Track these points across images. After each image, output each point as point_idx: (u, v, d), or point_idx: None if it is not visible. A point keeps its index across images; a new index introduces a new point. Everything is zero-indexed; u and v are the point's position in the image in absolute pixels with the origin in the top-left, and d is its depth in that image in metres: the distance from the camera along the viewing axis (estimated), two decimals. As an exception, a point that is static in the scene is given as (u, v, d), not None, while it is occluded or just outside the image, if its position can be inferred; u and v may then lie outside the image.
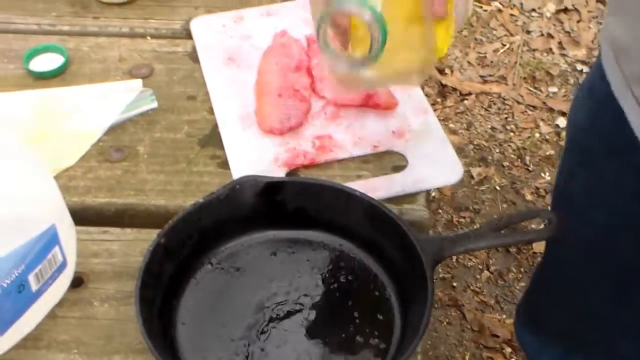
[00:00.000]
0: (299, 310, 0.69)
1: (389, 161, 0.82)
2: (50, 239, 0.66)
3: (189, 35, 0.98)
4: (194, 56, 0.95)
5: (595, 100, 0.77)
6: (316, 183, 0.74)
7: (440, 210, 1.82)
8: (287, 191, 0.73)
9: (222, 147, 0.83)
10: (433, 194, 1.83)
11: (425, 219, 0.76)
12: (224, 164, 0.82)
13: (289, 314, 0.69)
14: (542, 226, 0.77)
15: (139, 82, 0.91)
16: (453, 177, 0.80)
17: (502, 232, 0.68)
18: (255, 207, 0.73)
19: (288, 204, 0.73)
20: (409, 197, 0.78)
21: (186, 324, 0.68)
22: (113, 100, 0.88)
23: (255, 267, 0.72)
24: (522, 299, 1.11)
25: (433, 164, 0.80)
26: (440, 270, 1.68)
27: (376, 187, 0.77)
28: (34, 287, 0.66)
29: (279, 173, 0.80)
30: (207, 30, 0.97)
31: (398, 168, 0.81)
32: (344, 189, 0.72)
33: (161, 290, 0.69)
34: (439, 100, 2.06)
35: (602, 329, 0.89)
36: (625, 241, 0.79)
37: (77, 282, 0.72)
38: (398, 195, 0.78)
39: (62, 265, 0.69)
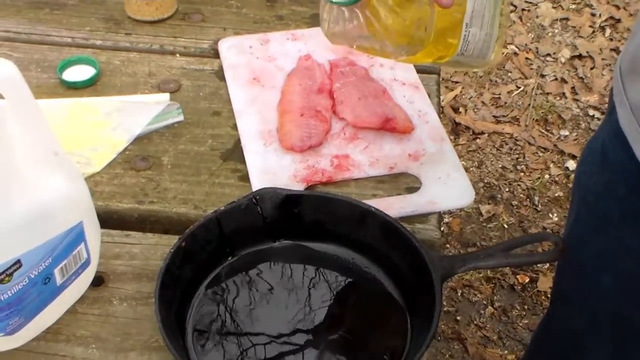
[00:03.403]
0: (310, 321, 0.71)
1: (404, 182, 0.85)
2: (77, 236, 0.69)
3: (216, 55, 1.02)
4: (220, 74, 0.99)
5: (611, 165, 0.76)
6: (334, 197, 0.76)
7: (448, 245, 1.84)
8: (305, 204, 0.76)
9: (243, 162, 0.87)
10: (442, 228, 1.85)
11: (437, 239, 0.79)
12: (245, 178, 0.85)
13: (299, 324, 0.71)
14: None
15: (167, 95, 0.95)
16: (464, 200, 0.82)
17: (511, 253, 0.71)
18: (273, 218, 0.76)
19: (305, 216, 0.76)
20: (422, 217, 0.81)
21: (199, 327, 0.71)
22: (141, 111, 0.91)
23: (269, 276, 0.75)
24: (523, 357, 1.11)
25: (446, 187, 0.83)
26: (445, 304, 1.70)
27: (390, 206, 0.80)
28: (59, 280, 0.69)
29: (297, 188, 0.82)
30: (234, 50, 1.01)
31: (412, 189, 0.84)
32: (360, 205, 0.75)
33: (179, 292, 0.71)
34: (452, 137, 2.10)
35: None
36: (630, 304, 0.79)
37: (98, 281, 0.75)
38: (411, 215, 0.81)
39: (86, 263, 0.72)
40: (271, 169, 0.85)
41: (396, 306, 0.72)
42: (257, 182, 0.83)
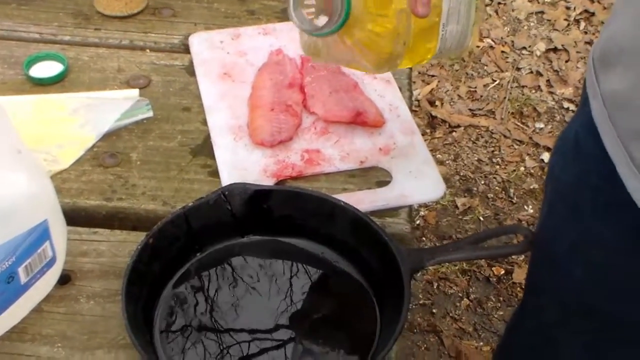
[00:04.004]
0: (279, 316, 0.71)
1: (374, 176, 0.85)
2: (42, 234, 0.68)
3: (186, 50, 1.01)
4: (190, 70, 0.98)
5: (584, 156, 0.77)
6: (303, 192, 0.76)
7: (424, 238, 1.84)
8: (275, 199, 0.75)
9: (213, 157, 0.86)
10: (418, 221, 1.86)
11: (407, 232, 0.79)
12: (215, 173, 0.85)
13: (268, 319, 0.71)
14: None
15: (136, 91, 0.94)
16: (435, 194, 0.82)
17: (480, 245, 0.71)
18: (242, 214, 0.75)
19: (275, 211, 0.75)
20: (392, 212, 0.81)
21: (167, 324, 0.70)
22: (109, 107, 0.90)
23: (238, 272, 0.75)
24: (496, 349, 1.12)
25: (416, 181, 0.83)
26: (420, 297, 1.70)
27: (361, 200, 0.80)
28: (23, 279, 0.68)
29: (268, 183, 0.82)
30: (205, 45, 1.00)
31: (383, 183, 0.84)
32: (330, 199, 0.74)
33: (146, 289, 0.70)
34: (428, 131, 2.10)
35: None
36: (600, 295, 0.79)
37: (65, 279, 0.74)
38: (381, 209, 0.81)
39: (52, 261, 0.71)
40: (241, 164, 0.84)
41: (366, 299, 0.72)
42: (227, 178, 0.83)
